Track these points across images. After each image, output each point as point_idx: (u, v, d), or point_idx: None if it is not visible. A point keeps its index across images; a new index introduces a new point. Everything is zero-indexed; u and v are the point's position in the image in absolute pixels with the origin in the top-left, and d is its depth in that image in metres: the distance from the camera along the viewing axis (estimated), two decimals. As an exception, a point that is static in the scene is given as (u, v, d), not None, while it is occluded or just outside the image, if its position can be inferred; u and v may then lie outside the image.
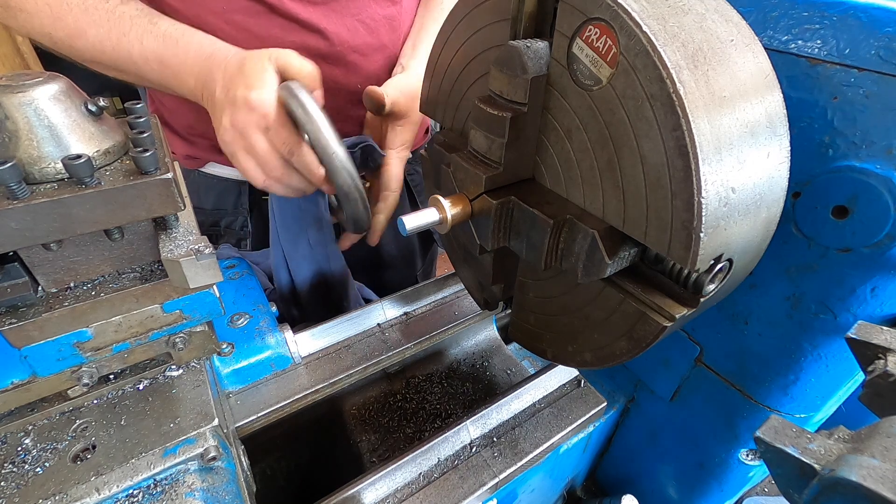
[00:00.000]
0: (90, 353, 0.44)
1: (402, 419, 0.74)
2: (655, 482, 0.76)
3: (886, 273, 0.41)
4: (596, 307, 0.45)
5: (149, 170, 0.38)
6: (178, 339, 0.49)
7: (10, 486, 0.41)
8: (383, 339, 0.75)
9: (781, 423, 0.32)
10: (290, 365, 0.70)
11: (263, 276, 0.97)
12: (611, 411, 0.72)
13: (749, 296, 0.51)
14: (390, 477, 0.58)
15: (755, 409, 0.56)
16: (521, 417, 0.67)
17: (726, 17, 0.37)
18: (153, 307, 0.45)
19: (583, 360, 0.49)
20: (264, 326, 0.70)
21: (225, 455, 0.47)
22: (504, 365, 0.83)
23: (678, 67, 0.31)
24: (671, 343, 0.62)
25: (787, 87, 0.41)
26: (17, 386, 0.44)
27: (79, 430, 0.46)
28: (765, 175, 0.36)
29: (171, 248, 0.42)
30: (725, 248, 0.36)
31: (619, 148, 0.36)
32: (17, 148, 0.36)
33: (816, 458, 0.29)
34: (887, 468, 0.26)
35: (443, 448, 0.62)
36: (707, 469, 0.66)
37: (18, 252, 0.39)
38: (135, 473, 0.43)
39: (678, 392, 0.65)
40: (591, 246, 0.40)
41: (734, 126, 0.33)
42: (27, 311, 0.41)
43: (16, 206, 0.34)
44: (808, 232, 0.44)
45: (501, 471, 0.60)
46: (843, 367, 0.48)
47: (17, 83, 0.36)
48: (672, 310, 0.39)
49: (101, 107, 0.40)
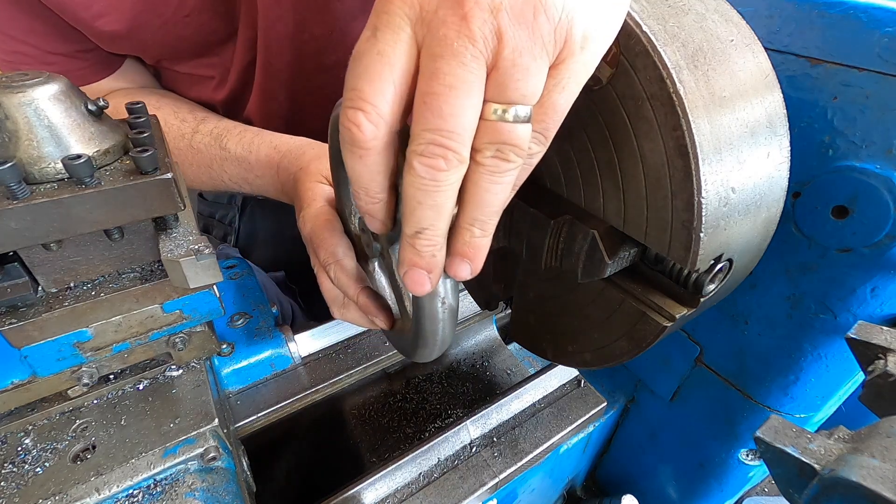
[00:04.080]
0: (90, 353, 0.44)
1: (402, 419, 0.74)
2: (655, 482, 0.76)
3: (886, 273, 0.41)
4: (596, 307, 0.45)
5: (149, 170, 0.38)
6: (178, 339, 0.49)
7: (10, 486, 0.41)
8: (383, 339, 0.75)
9: (781, 423, 0.32)
10: (290, 365, 0.70)
11: (262, 274, 0.97)
12: (611, 411, 0.72)
13: (749, 296, 0.51)
14: (390, 477, 0.58)
15: (755, 409, 0.56)
16: (521, 417, 0.67)
17: (726, 17, 0.37)
18: (153, 307, 0.45)
19: (583, 360, 0.49)
20: (264, 326, 0.70)
21: (225, 455, 0.47)
22: (504, 365, 0.83)
23: (678, 67, 0.32)
24: (671, 343, 0.62)
25: (787, 87, 0.41)
26: (17, 386, 0.44)
27: (79, 430, 0.46)
28: (765, 175, 0.36)
29: (171, 248, 0.42)
30: (725, 248, 0.36)
31: (619, 148, 0.36)
32: (17, 148, 0.36)
33: (816, 458, 0.29)
34: (887, 468, 0.26)
35: (443, 448, 0.62)
36: (707, 469, 0.66)
37: (18, 252, 0.39)
38: (135, 473, 0.43)
39: (678, 392, 0.65)
40: (591, 246, 0.40)
41: (734, 126, 0.33)
42: (27, 311, 0.41)
43: (16, 206, 0.34)
44: (808, 232, 0.44)
45: (501, 471, 0.60)
46: (843, 367, 0.48)
47: (17, 83, 0.36)
48: (672, 310, 0.39)
49: (101, 107, 0.40)
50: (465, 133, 0.27)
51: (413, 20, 0.27)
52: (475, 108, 0.27)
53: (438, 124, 0.27)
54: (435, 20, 0.26)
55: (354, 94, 0.28)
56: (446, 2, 0.26)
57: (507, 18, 0.26)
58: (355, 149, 0.29)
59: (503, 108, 0.27)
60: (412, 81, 0.28)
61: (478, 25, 0.26)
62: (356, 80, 0.28)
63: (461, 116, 0.27)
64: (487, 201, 0.30)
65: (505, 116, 0.27)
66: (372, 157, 0.30)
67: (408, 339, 0.44)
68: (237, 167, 0.71)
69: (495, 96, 0.27)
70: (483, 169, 0.29)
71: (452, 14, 0.26)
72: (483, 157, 0.28)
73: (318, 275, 0.56)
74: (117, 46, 0.72)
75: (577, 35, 0.28)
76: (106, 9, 0.64)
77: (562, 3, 0.26)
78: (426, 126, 0.27)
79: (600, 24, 0.29)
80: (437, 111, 0.26)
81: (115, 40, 0.69)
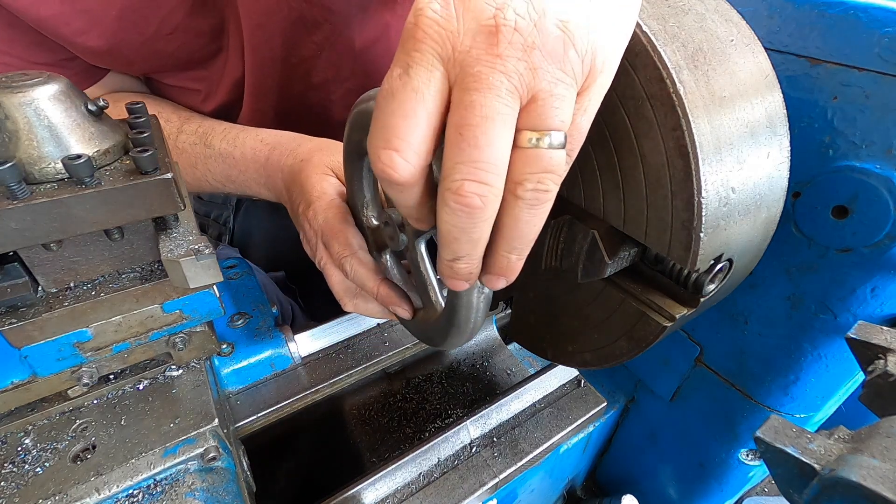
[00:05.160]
0: (90, 353, 0.44)
1: (402, 419, 0.74)
2: (655, 482, 0.76)
3: (886, 273, 0.41)
4: (596, 307, 0.45)
5: (149, 170, 0.38)
6: (178, 339, 0.49)
7: (10, 486, 0.41)
8: (383, 339, 0.75)
9: (781, 423, 0.32)
10: (290, 365, 0.70)
11: (262, 275, 0.97)
12: (611, 411, 0.72)
13: (749, 296, 0.51)
14: (390, 477, 0.58)
15: (755, 409, 0.56)
16: (521, 417, 0.67)
17: (726, 17, 0.37)
18: (153, 307, 0.45)
19: (583, 360, 0.49)
20: (264, 326, 0.70)
21: (225, 455, 0.47)
22: (504, 365, 0.83)
23: (678, 67, 0.32)
24: (671, 343, 0.62)
25: (787, 87, 0.41)
26: (17, 386, 0.44)
27: (79, 430, 0.46)
28: (765, 175, 0.36)
29: (171, 248, 0.42)
30: (725, 248, 0.36)
31: (618, 148, 0.36)
32: (17, 148, 0.36)
33: (816, 458, 0.29)
34: (887, 468, 0.26)
35: (443, 448, 0.62)
36: (707, 469, 0.66)
37: (18, 252, 0.39)
38: (135, 473, 0.43)
39: (678, 392, 0.65)
40: (591, 246, 0.40)
41: (734, 126, 0.33)
42: (27, 311, 0.40)
43: (16, 206, 0.34)
44: (808, 232, 0.44)
45: (501, 471, 0.60)
46: (843, 367, 0.48)
47: (17, 83, 0.36)
48: (672, 310, 0.39)
49: (101, 107, 0.40)
50: (500, 164, 0.28)
51: (445, 59, 0.27)
52: (509, 140, 0.28)
53: (474, 155, 0.27)
54: (468, 59, 0.27)
55: (389, 132, 0.28)
56: (479, 42, 0.26)
57: (539, 56, 0.27)
58: (392, 185, 0.30)
59: (538, 135, 0.28)
60: (442, 120, 0.28)
61: (512, 63, 0.26)
62: (390, 118, 0.28)
63: (497, 147, 0.27)
64: (525, 232, 0.31)
65: (540, 144, 0.28)
66: (412, 190, 0.30)
67: (435, 327, 0.45)
68: (221, 164, 0.70)
69: (531, 125, 0.28)
70: (522, 202, 0.29)
71: (486, 53, 0.26)
72: (523, 191, 0.29)
73: (327, 268, 0.55)
74: (101, 61, 0.71)
75: (599, 63, 0.29)
76: (87, 26, 0.63)
77: (587, 37, 0.28)
78: (460, 158, 0.27)
79: (617, 48, 0.30)
80: (472, 141, 0.27)
81: (98, 56, 0.68)
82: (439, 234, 0.31)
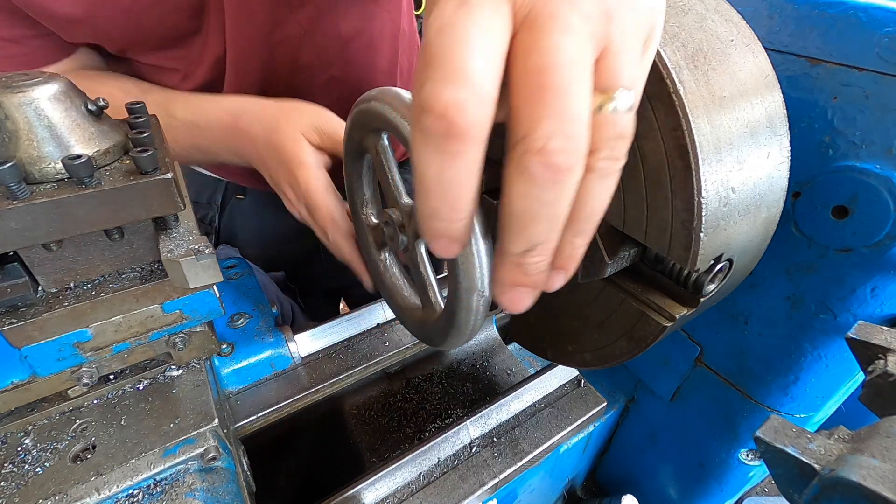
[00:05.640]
0: (90, 353, 0.44)
1: (402, 419, 0.74)
2: (655, 482, 0.76)
3: (886, 273, 0.41)
4: (596, 307, 0.45)
5: (149, 170, 0.38)
6: (178, 339, 0.49)
7: (10, 486, 0.41)
8: (383, 339, 0.75)
9: (781, 423, 0.32)
10: (290, 365, 0.70)
11: (262, 274, 0.97)
12: (611, 411, 0.72)
13: (749, 296, 0.51)
14: (390, 477, 0.58)
15: (755, 409, 0.56)
16: (521, 417, 0.67)
17: (726, 17, 0.37)
18: (153, 307, 0.45)
19: (583, 360, 0.49)
20: (264, 326, 0.70)
21: (225, 455, 0.47)
22: (504, 365, 0.83)
23: (678, 67, 0.32)
24: (671, 343, 0.62)
25: (787, 87, 0.41)
26: (17, 386, 0.44)
27: (79, 430, 0.46)
28: (765, 175, 0.36)
29: (171, 248, 0.42)
30: (725, 248, 0.36)
31: (619, 148, 0.36)
32: (17, 148, 0.36)
33: (816, 458, 0.29)
34: (887, 468, 0.26)
35: (443, 448, 0.62)
36: (707, 469, 0.66)
37: (18, 252, 0.39)
38: (135, 473, 0.43)
39: (678, 392, 0.65)
40: (591, 246, 0.40)
41: (734, 126, 0.34)
42: (27, 311, 0.40)
43: (16, 206, 0.34)
44: (808, 232, 0.44)
45: (501, 471, 0.60)
46: (843, 367, 0.48)
47: (17, 83, 0.36)
48: (672, 310, 0.39)
49: (100, 107, 0.40)
50: (587, 120, 0.22)
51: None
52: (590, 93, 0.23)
53: (560, 108, 0.21)
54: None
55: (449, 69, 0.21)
56: None
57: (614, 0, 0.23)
58: (451, 142, 0.22)
59: (610, 96, 0.23)
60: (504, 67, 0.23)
61: (588, 5, 0.22)
62: (449, 51, 0.21)
63: (584, 100, 0.22)
64: (596, 209, 0.25)
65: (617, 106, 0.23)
66: (471, 154, 0.23)
67: (435, 328, 0.45)
68: (186, 133, 0.69)
69: (602, 83, 0.23)
70: (593, 174, 0.24)
71: None
72: (595, 160, 0.23)
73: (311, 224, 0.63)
74: (76, 32, 0.68)
75: (659, 21, 0.26)
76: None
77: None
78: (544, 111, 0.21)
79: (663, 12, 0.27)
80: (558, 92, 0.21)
81: (73, 25, 0.66)
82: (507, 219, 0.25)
